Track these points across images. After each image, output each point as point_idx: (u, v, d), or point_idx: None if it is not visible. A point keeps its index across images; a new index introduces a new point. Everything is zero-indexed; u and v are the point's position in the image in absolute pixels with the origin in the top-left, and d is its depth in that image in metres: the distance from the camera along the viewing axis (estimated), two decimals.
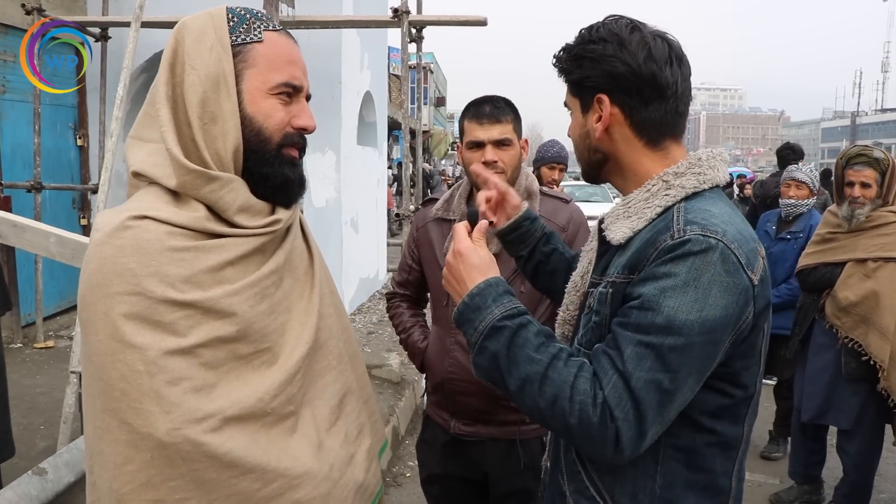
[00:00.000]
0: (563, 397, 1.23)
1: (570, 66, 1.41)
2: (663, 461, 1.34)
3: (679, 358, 1.21)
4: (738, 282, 1.24)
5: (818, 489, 4.31)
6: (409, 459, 4.74)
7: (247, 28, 1.32)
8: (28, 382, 5.62)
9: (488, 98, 2.35)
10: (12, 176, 6.82)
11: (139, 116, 1.34)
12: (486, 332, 1.33)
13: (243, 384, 1.24)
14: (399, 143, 26.66)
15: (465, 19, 6.65)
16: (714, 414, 1.33)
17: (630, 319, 1.25)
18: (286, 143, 1.34)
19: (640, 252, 1.30)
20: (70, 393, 4.13)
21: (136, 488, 1.17)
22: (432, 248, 2.44)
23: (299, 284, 1.41)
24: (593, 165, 1.47)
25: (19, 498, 2.45)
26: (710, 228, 1.25)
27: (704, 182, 1.36)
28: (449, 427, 2.40)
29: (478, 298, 1.36)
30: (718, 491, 1.38)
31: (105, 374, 1.17)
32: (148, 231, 1.21)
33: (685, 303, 1.21)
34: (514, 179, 2.34)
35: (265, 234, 1.33)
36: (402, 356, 6.10)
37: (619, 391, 1.21)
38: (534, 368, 1.27)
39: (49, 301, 7.13)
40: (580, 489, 1.41)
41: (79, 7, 7.59)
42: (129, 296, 1.17)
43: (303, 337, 1.35)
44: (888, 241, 3.64)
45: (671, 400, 1.23)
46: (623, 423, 1.20)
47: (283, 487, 1.25)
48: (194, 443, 1.16)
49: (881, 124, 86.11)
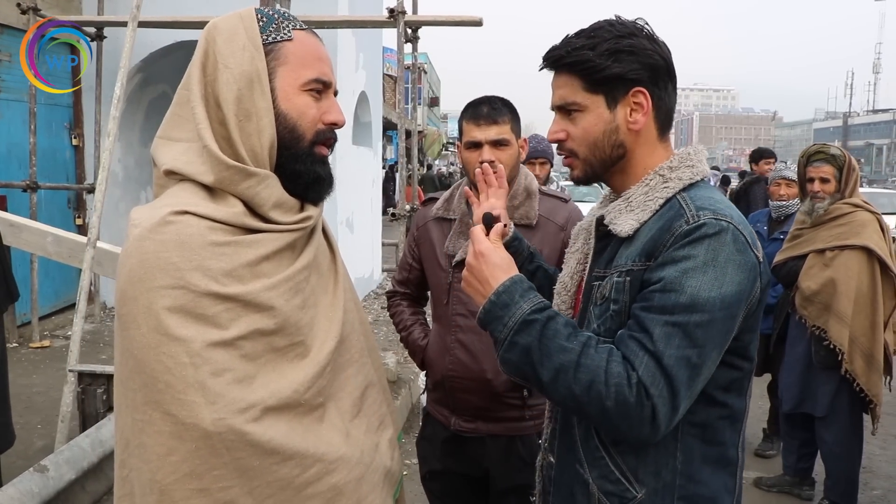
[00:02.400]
0: (599, 381, 1.28)
1: (603, 61, 1.41)
2: (682, 438, 1.41)
3: (704, 333, 1.29)
4: (749, 259, 1.33)
5: (803, 483, 4.37)
6: (407, 457, 4.76)
7: (276, 28, 1.35)
8: (24, 382, 5.62)
9: (486, 99, 2.38)
10: (8, 175, 6.81)
11: (167, 117, 1.37)
12: (516, 326, 1.37)
13: (279, 376, 1.27)
14: (393, 143, 26.67)
15: (461, 19, 6.67)
16: (725, 388, 1.41)
17: (654, 303, 1.32)
18: (318, 140, 1.37)
19: (656, 239, 1.36)
20: (68, 392, 4.13)
21: (180, 478, 1.20)
22: (433, 246, 2.46)
23: (324, 280, 1.45)
24: (609, 163, 1.48)
25: (21, 495, 2.46)
26: (721, 212, 1.34)
27: (696, 174, 1.45)
28: (449, 424, 2.42)
29: (505, 296, 1.40)
30: (728, 461, 1.46)
31: (147, 367, 1.19)
32: (190, 226, 1.23)
33: (706, 281, 1.29)
34: (512, 179, 2.36)
35: (297, 230, 1.36)
36: (398, 355, 6.12)
37: (652, 370, 1.27)
38: (567, 357, 1.31)
39: (45, 300, 7.12)
40: (604, 474, 1.45)
41: (74, 6, 7.59)
42: (173, 289, 1.19)
43: (331, 331, 1.39)
44: (843, 230, 3.84)
45: (699, 374, 1.31)
46: (658, 400, 1.27)
47: (321, 472, 1.28)
48: (238, 432, 1.19)
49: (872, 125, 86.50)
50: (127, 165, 8.14)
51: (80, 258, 4.47)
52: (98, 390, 4.01)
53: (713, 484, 1.43)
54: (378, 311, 8.58)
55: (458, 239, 2.38)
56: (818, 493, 4.28)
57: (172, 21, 6.62)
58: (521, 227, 2.33)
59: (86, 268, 4.40)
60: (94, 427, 3.59)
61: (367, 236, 9.67)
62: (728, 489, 1.46)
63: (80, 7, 7.66)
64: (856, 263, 3.77)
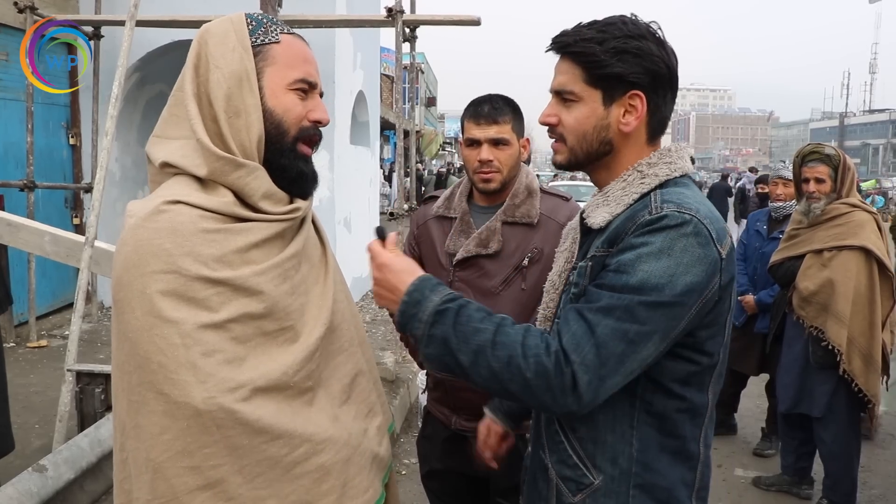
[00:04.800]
0: (517, 355, 1.30)
1: (608, 58, 1.41)
2: (638, 426, 1.43)
3: (647, 312, 1.30)
4: (709, 254, 1.34)
5: (802, 482, 4.38)
6: (405, 456, 4.76)
7: (265, 31, 1.43)
8: (22, 381, 5.61)
9: (488, 97, 2.37)
10: (5, 175, 6.80)
11: (162, 117, 1.44)
12: (431, 319, 1.38)
13: (269, 359, 1.32)
14: (391, 142, 26.65)
15: (459, 19, 6.67)
16: (683, 381, 1.42)
17: (605, 281, 1.35)
18: (301, 136, 1.44)
19: (619, 228, 1.39)
20: (66, 391, 4.12)
21: (173, 456, 1.24)
22: (433, 245, 2.46)
23: (315, 270, 1.50)
24: (594, 156, 1.50)
25: (20, 494, 2.46)
26: (685, 206, 1.36)
27: (675, 171, 1.46)
28: (450, 423, 2.42)
29: (416, 294, 1.42)
30: (689, 456, 1.47)
31: (141, 348, 1.25)
32: (182, 214, 1.30)
33: (658, 267, 1.31)
34: (511, 178, 2.36)
35: (286, 220, 1.42)
36: (396, 354, 6.12)
37: (579, 337, 1.29)
38: (483, 337, 1.34)
39: (42, 300, 7.11)
40: (562, 459, 1.48)
41: (71, 5, 7.57)
42: (166, 274, 1.25)
43: (320, 318, 1.43)
44: (841, 230, 3.84)
45: (634, 351, 1.31)
46: (579, 367, 1.28)
47: (309, 452, 1.33)
48: (228, 410, 1.24)
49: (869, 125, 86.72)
50: (124, 165, 8.12)
51: (77, 258, 4.46)
52: (96, 390, 4.00)
53: (670, 475, 1.45)
54: (375, 311, 8.58)
55: (458, 237, 2.38)
56: (817, 493, 4.29)
57: (170, 20, 6.61)
58: (522, 226, 2.34)
59: (84, 267, 4.38)
60: (93, 427, 3.58)
61: (364, 236, 9.65)
62: (686, 482, 1.47)
63: (77, 6, 7.64)
64: (854, 264, 3.78)
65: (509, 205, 2.35)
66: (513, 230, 2.33)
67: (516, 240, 2.32)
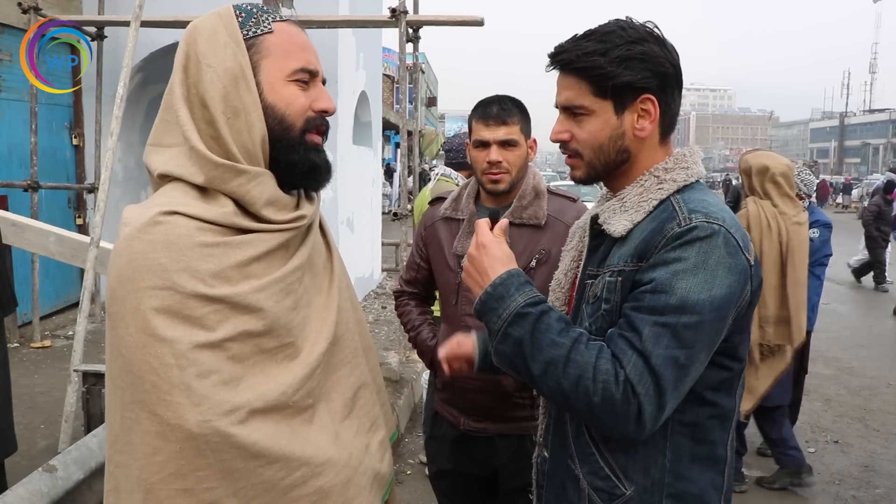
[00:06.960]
0: (587, 377, 1.30)
1: (614, 68, 1.40)
2: (671, 436, 1.43)
3: (693, 334, 1.31)
4: (740, 262, 1.35)
5: (800, 471, 4.43)
6: (410, 457, 4.76)
7: (256, 21, 1.34)
8: (26, 382, 5.62)
9: (497, 98, 2.38)
10: (9, 175, 6.81)
11: (156, 124, 1.36)
12: (510, 318, 1.39)
13: (267, 377, 1.27)
14: (391, 143, 26.65)
15: (462, 19, 6.67)
16: (715, 388, 1.43)
17: (644, 303, 1.33)
18: (309, 127, 1.36)
19: (648, 241, 1.38)
20: (71, 392, 4.13)
21: (165, 478, 1.20)
22: (441, 246, 2.47)
23: (318, 279, 1.44)
24: (611, 167, 1.49)
25: (31, 495, 2.47)
26: (712, 215, 1.35)
27: (691, 175, 1.46)
28: (459, 423, 2.43)
29: (501, 288, 1.42)
30: (717, 460, 1.47)
31: (135, 366, 1.19)
32: (178, 226, 1.23)
33: (696, 284, 1.31)
34: (519, 179, 2.37)
35: (290, 229, 1.35)
36: (400, 354, 6.12)
37: (640, 369, 1.29)
38: (558, 352, 1.34)
39: (45, 300, 7.11)
40: (594, 470, 1.47)
41: (74, 6, 7.58)
42: (160, 290, 1.19)
43: (323, 332, 1.38)
44: None
45: (686, 374, 1.32)
46: (645, 399, 1.28)
47: (307, 475, 1.28)
48: (223, 434, 1.19)
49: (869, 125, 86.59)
50: (127, 165, 8.13)
51: (82, 258, 4.47)
52: (102, 390, 3.99)
53: (701, 481, 1.45)
54: (378, 311, 8.58)
55: (466, 239, 2.38)
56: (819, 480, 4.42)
57: (174, 21, 6.62)
58: (529, 227, 2.34)
59: (89, 267, 4.39)
60: (101, 427, 3.58)
61: (367, 236, 9.67)
62: (716, 487, 1.48)
63: (80, 6, 7.65)
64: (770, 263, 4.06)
65: (517, 206, 2.35)
66: (520, 232, 2.33)
67: (524, 241, 2.32)
